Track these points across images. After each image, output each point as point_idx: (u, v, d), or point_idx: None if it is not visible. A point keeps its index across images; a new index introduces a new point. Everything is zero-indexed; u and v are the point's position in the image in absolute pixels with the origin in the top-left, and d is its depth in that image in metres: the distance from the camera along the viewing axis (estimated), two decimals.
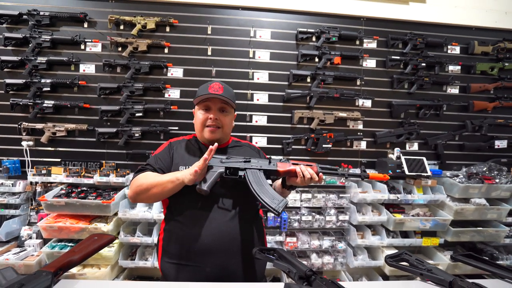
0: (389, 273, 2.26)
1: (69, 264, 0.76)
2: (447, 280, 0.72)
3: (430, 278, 0.76)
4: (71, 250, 0.82)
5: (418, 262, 0.82)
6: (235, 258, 1.06)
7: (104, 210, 2.05)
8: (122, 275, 2.19)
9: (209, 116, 1.16)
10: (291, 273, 0.76)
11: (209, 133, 1.17)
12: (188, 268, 1.04)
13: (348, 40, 2.53)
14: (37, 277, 0.67)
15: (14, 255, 2.05)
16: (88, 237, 0.92)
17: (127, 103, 2.31)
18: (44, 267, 0.72)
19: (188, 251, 1.05)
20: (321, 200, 2.32)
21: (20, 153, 2.29)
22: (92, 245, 0.87)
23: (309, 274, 0.73)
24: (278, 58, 2.48)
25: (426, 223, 2.26)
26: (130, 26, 2.35)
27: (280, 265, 0.80)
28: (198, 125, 1.20)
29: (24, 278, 0.65)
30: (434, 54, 2.57)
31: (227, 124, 1.21)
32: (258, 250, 0.89)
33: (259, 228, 1.19)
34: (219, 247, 1.04)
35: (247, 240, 1.10)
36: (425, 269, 0.78)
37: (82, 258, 0.80)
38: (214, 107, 1.17)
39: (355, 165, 2.52)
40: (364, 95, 2.51)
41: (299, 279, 0.73)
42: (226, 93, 1.17)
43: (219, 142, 1.21)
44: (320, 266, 2.30)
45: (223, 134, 1.21)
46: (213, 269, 1.03)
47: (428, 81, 2.53)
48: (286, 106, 2.49)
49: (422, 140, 2.60)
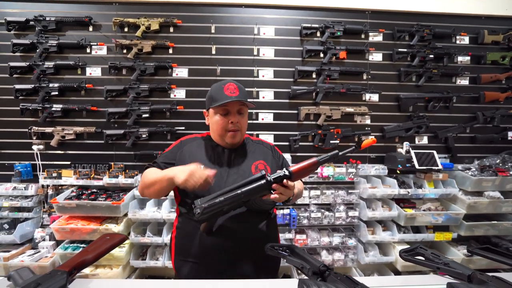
0: (402, 268, 2.22)
1: (83, 264, 0.77)
2: (466, 273, 0.70)
3: (447, 272, 0.74)
4: (85, 249, 0.83)
5: (434, 256, 0.80)
6: (248, 257, 1.05)
7: (114, 211, 2.07)
8: (134, 275, 2.21)
9: (229, 121, 1.12)
10: (304, 269, 0.75)
11: (230, 138, 1.14)
12: (200, 266, 1.04)
13: (353, 34, 2.49)
14: (52, 276, 0.67)
15: (29, 256, 2.09)
16: (101, 237, 0.92)
17: (133, 105, 2.33)
18: (58, 266, 0.73)
19: (200, 249, 1.05)
20: (330, 196, 2.29)
21: (31, 157, 2.33)
22: (104, 244, 0.87)
23: (323, 269, 0.72)
24: (283, 55, 2.47)
25: (438, 217, 2.21)
26: (134, 28, 2.36)
27: (293, 261, 0.79)
28: (218, 130, 1.15)
29: (40, 278, 0.66)
30: (442, 45, 2.52)
31: (244, 125, 1.19)
32: (270, 246, 0.88)
33: (272, 226, 1.18)
34: (231, 245, 1.04)
35: (260, 238, 1.08)
36: (442, 262, 0.76)
37: (95, 258, 0.81)
38: (233, 110, 1.13)
39: (364, 160, 2.49)
40: (371, 89, 2.47)
41: (313, 275, 0.72)
42: (242, 94, 1.14)
43: (238, 144, 1.20)
44: (330, 263, 2.28)
45: (241, 135, 1.19)
46: (226, 268, 1.02)
47: (437, 73, 2.48)
48: (292, 103, 2.48)
49: (432, 133, 2.55)
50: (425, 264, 0.78)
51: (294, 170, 0.96)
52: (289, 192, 0.96)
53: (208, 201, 0.92)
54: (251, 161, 1.17)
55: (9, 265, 2.04)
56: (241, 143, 1.24)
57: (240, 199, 0.93)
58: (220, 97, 1.11)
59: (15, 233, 2.12)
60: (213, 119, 1.17)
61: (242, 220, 1.07)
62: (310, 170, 0.99)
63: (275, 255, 0.86)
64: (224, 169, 1.12)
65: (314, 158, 0.99)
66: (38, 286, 0.63)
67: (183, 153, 1.17)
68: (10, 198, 2.25)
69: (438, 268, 0.76)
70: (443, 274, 0.78)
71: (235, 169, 1.13)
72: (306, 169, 0.98)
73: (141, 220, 2.17)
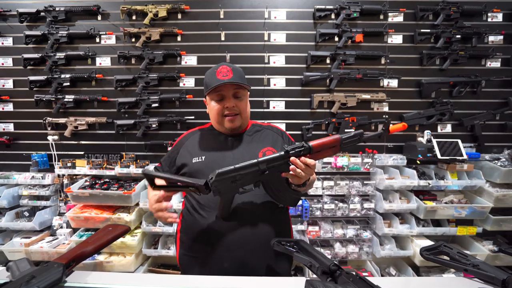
0: (420, 263, 2.12)
1: (82, 256, 0.75)
2: (500, 278, 0.61)
3: (477, 275, 0.66)
4: (85, 241, 0.81)
5: (461, 256, 0.71)
6: (256, 254, 0.99)
7: (126, 200, 2.09)
8: (147, 263, 2.25)
9: (224, 105, 1.07)
10: (313, 267, 0.69)
11: (229, 123, 1.09)
12: (204, 262, 1.00)
13: (370, 15, 2.32)
14: (48, 269, 0.65)
15: (47, 243, 2.17)
16: (103, 228, 0.90)
17: (143, 94, 2.31)
18: (56, 258, 0.71)
19: (205, 244, 1.00)
20: (344, 187, 2.20)
21: (47, 147, 2.39)
22: (106, 236, 0.85)
23: (333, 268, 0.66)
24: (295, 40, 2.34)
25: (461, 210, 2.07)
26: (142, 15, 2.31)
27: (301, 259, 0.73)
28: (215, 116, 1.11)
29: (35, 270, 0.64)
30: (471, 24, 2.29)
31: (244, 108, 1.13)
32: (276, 241, 0.82)
33: (283, 220, 1.10)
34: (238, 241, 0.98)
35: (270, 234, 1.01)
36: (470, 264, 0.67)
37: (95, 250, 0.79)
38: (228, 94, 1.07)
39: (381, 150, 2.36)
40: (390, 74, 2.30)
41: (323, 274, 0.66)
42: (236, 76, 1.06)
43: (239, 128, 1.14)
44: (344, 256, 2.21)
45: (242, 119, 1.12)
46: (232, 265, 0.97)
47: (464, 55, 2.27)
48: (305, 90, 2.37)
49: (457, 121, 2.36)
50: (451, 265, 0.70)
51: (315, 145, 0.88)
52: (310, 171, 0.88)
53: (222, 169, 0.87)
54: (258, 148, 1.10)
55: (30, 251, 2.13)
56: (246, 129, 1.17)
57: (257, 169, 0.87)
58: (213, 81, 1.06)
59: (34, 220, 2.20)
60: (210, 105, 1.12)
61: (249, 213, 1.01)
62: (331, 147, 0.90)
63: (281, 251, 0.80)
64: (228, 159, 1.06)
65: (337, 134, 0.91)
66: (33, 279, 0.61)
67: (184, 149, 1.14)
68: (29, 187, 2.33)
69: (465, 270, 0.67)
70: (469, 276, 0.69)
71: (240, 158, 1.06)
72: (328, 145, 0.90)
73: None
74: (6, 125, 2.43)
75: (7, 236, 2.33)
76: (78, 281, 0.69)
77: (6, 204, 2.24)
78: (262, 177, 0.90)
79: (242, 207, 1.00)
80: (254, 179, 0.90)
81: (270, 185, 0.95)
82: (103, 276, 0.72)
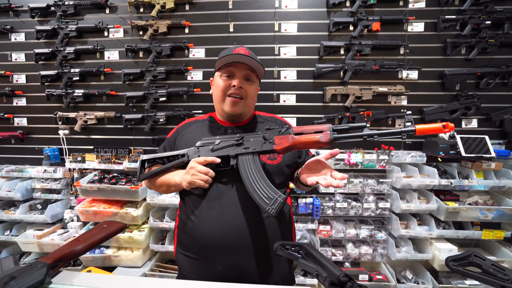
0: (439, 268, 1.98)
1: (71, 255, 0.70)
2: None
3: None
4: (76, 239, 0.76)
5: (496, 269, 0.61)
6: (252, 257, 0.91)
7: (133, 195, 2.07)
8: (154, 258, 2.24)
9: (232, 83, 0.98)
10: (320, 276, 0.61)
11: (230, 105, 0.99)
12: (199, 262, 0.94)
13: (389, 1, 2.17)
14: (31, 269, 0.61)
15: (59, 236, 2.19)
16: (98, 225, 0.85)
17: (150, 88, 2.28)
18: (42, 257, 0.66)
19: (198, 244, 0.94)
20: (358, 185, 2.08)
21: (58, 142, 2.41)
22: (99, 234, 0.80)
23: (343, 280, 0.57)
24: (307, 30, 2.23)
25: (487, 213, 1.91)
26: (150, 7, 2.27)
27: (307, 266, 0.65)
28: (218, 94, 1.02)
29: (17, 270, 0.60)
30: (502, 8, 2.08)
31: (252, 95, 1.03)
32: (280, 245, 0.74)
33: (284, 220, 1.01)
34: (232, 243, 0.90)
35: (268, 236, 0.94)
36: (509, 280, 0.57)
37: (86, 249, 0.74)
38: (239, 74, 0.99)
39: (398, 146, 2.21)
40: (409, 65, 2.14)
41: (331, 286, 0.58)
42: (253, 58, 0.99)
43: (241, 117, 1.05)
44: (357, 257, 2.10)
45: (245, 107, 1.03)
46: (226, 268, 0.90)
47: (494, 43, 2.08)
48: (317, 83, 2.25)
49: (484, 115, 2.18)
50: (485, 279, 0.59)
51: (296, 128, 0.91)
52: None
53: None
54: None
55: (42, 243, 2.16)
56: (248, 121, 1.09)
57: (234, 142, 0.93)
58: (227, 57, 0.98)
59: (46, 213, 2.23)
60: (215, 82, 1.05)
61: (246, 213, 0.93)
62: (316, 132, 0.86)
63: (285, 256, 0.72)
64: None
65: (327, 124, 0.87)
66: (12, 280, 0.56)
67: (183, 137, 1.08)
68: (41, 180, 2.37)
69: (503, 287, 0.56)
70: None
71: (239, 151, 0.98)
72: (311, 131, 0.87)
73: (159, 205, 2.16)
74: (20, 120, 2.47)
75: (22, 228, 2.39)
76: (64, 282, 0.64)
77: (20, 196, 2.28)
78: (238, 150, 0.93)
79: (236, 206, 0.94)
80: (230, 150, 0.93)
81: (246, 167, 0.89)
82: (91, 277, 0.67)
